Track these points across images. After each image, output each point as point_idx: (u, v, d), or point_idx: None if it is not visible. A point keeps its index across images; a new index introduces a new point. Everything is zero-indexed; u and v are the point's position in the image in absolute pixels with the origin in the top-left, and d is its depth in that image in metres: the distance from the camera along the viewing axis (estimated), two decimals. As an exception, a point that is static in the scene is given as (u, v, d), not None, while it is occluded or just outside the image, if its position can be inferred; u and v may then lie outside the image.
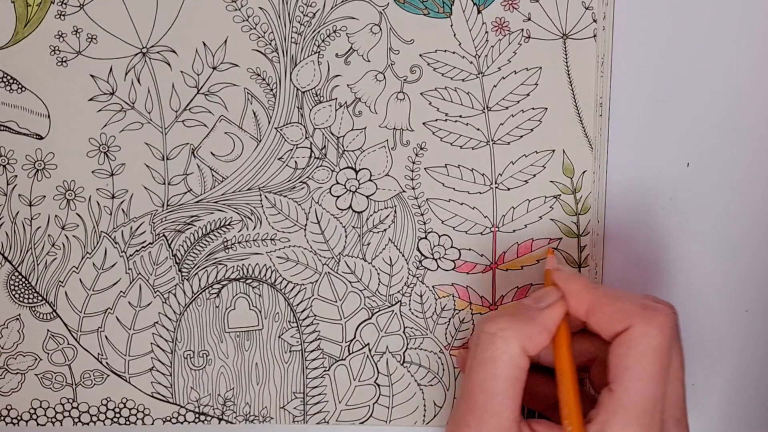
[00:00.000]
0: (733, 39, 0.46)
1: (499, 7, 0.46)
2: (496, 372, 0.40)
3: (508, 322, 0.40)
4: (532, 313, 0.41)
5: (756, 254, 0.48)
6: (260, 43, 0.46)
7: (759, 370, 0.49)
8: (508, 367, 0.40)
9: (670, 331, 0.39)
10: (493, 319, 0.41)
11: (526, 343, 0.40)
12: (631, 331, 0.39)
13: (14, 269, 0.48)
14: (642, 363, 0.39)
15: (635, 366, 0.39)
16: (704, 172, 0.47)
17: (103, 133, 0.47)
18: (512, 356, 0.40)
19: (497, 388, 0.40)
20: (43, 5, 0.46)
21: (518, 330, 0.40)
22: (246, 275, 0.48)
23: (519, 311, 0.41)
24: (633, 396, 0.38)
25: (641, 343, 0.39)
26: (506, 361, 0.40)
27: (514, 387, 0.40)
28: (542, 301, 0.42)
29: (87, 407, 0.50)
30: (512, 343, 0.40)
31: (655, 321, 0.39)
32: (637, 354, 0.39)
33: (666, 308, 0.40)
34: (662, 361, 0.39)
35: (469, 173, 0.47)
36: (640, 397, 0.38)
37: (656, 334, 0.39)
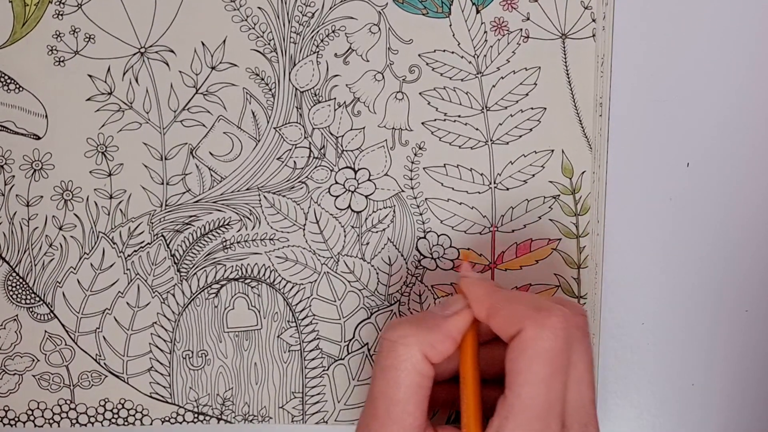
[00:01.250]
0: (733, 39, 0.46)
1: (498, 7, 0.46)
2: (398, 380, 0.39)
3: (410, 329, 0.40)
4: (436, 320, 0.41)
5: (756, 254, 0.48)
6: (259, 43, 0.46)
7: (759, 370, 0.49)
8: (410, 375, 0.39)
9: (563, 332, 0.38)
10: (395, 327, 0.40)
11: (428, 350, 0.40)
12: (522, 334, 0.38)
13: (12, 270, 0.48)
14: (532, 367, 0.38)
15: (525, 370, 0.38)
16: (704, 172, 0.48)
17: (101, 133, 0.47)
18: (414, 364, 0.39)
19: (399, 396, 0.39)
20: (40, 5, 0.46)
21: (420, 337, 0.40)
22: (245, 275, 0.48)
23: (423, 319, 0.41)
24: (524, 401, 0.38)
25: (531, 347, 0.38)
26: (408, 369, 0.39)
27: (416, 394, 0.40)
28: (448, 309, 0.41)
29: (85, 408, 0.50)
30: (413, 350, 0.39)
31: (546, 323, 0.38)
32: (528, 357, 0.38)
33: (562, 309, 0.39)
34: (555, 364, 0.38)
35: (468, 173, 0.47)
36: (531, 401, 0.38)
37: (547, 337, 0.38)
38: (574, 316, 0.39)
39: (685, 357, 0.48)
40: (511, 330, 0.39)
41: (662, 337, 0.47)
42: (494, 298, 0.40)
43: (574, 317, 0.39)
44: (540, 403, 0.38)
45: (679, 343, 0.49)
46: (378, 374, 0.40)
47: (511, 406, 0.38)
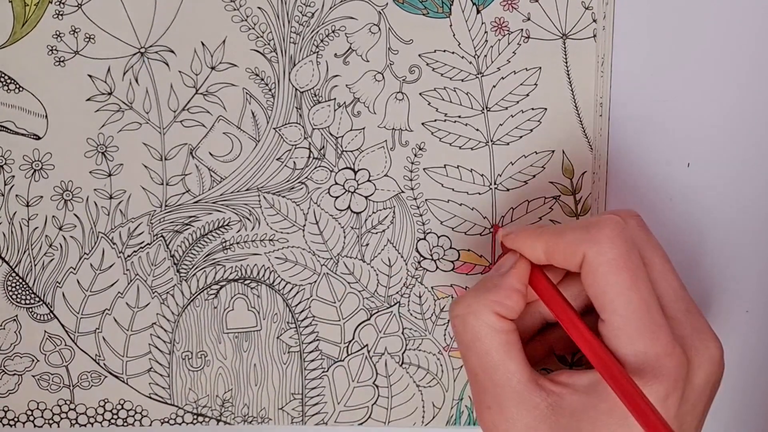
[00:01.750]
0: (733, 39, 0.46)
1: (499, 7, 0.46)
2: (485, 347, 0.40)
3: (472, 298, 0.40)
4: (494, 281, 0.41)
5: (756, 254, 0.48)
6: (259, 43, 0.46)
7: (759, 370, 0.49)
8: (494, 339, 0.40)
9: (619, 238, 0.38)
10: (458, 302, 0.41)
11: (498, 309, 0.40)
12: (586, 257, 0.39)
13: (11, 270, 0.48)
14: (610, 280, 0.38)
15: (607, 286, 0.38)
16: (704, 172, 0.47)
17: (101, 133, 0.47)
18: (492, 326, 0.40)
19: (495, 362, 0.40)
20: (40, 5, 0.46)
21: (485, 301, 0.40)
22: (244, 276, 0.48)
23: (481, 284, 0.41)
24: (621, 313, 0.38)
25: (600, 263, 0.38)
26: (489, 334, 0.40)
27: (509, 352, 0.40)
28: (502, 268, 0.42)
29: (84, 408, 0.49)
30: (484, 314, 0.40)
31: (600, 237, 0.38)
32: (602, 275, 0.38)
33: (610, 217, 0.39)
34: (629, 268, 0.38)
35: (468, 174, 0.47)
36: (628, 310, 0.38)
37: (608, 248, 0.38)
38: (627, 219, 0.40)
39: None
40: (575, 260, 0.39)
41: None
42: (545, 237, 0.40)
43: (628, 219, 0.40)
44: (637, 307, 0.38)
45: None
46: (465, 352, 0.41)
47: (612, 323, 0.38)
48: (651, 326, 0.38)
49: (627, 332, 0.38)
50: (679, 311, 0.40)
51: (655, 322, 0.38)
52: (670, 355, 0.38)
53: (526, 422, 0.39)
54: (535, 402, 0.39)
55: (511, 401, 0.39)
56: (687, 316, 0.40)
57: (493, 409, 0.40)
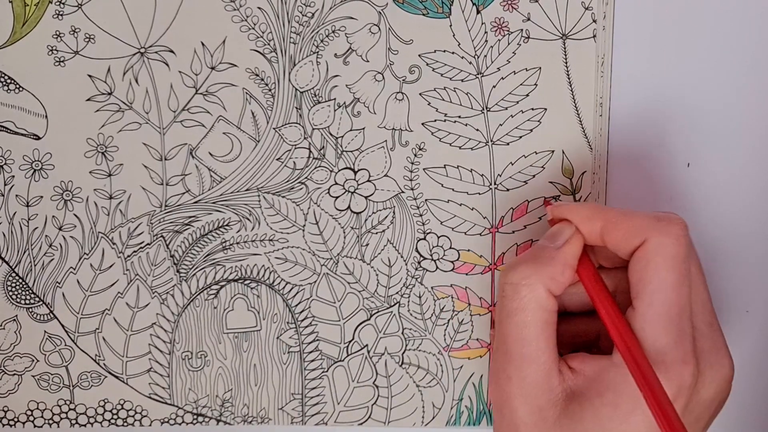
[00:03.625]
0: (733, 39, 0.46)
1: (499, 7, 0.46)
2: (527, 320, 0.40)
3: (530, 269, 0.40)
4: (551, 253, 0.41)
5: (756, 254, 0.48)
6: (259, 43, 0.46)
7: (759, 370, 0.49)
8: (537, 313, 0.40)
9: (684, 239, 0.39)
10: (515, 268, 0.41)
11: (550, 285, 0.40)
12: (647, 244, 0.39)
13: (11, 270, 0.48)
14: (660, 274, 0.38)
15: (655, 278, 0.38)
16: (704, 172, 0.47)
17: (101, 133, 0.47)
18: (539, 301, 0.40)
19: (531, 336, 0.40)
20: (41, 5, 0.46)
21: (541, 274, 0.40)
22: (244, 276, 0.48)
23: (538, 254, 0.41)
24: (657, 308, 0.38)
25: (659, 254, 0.39)
26: (534, 308, 0.40)
27: (546, 331, 0.40)
28: (558, 239, 0.41)
29: (84, 409, 0.49)
30: (537, 288, 0.40)
31: (670, 231, 0.39)
32: (655, 265, 0.39)
33: (679, 218, 0.40)
34: (681, 270, 0.39)
35: (468, 174, 0.47)
36: (663, 308, 0.38)
37: (672, 244, 0.39)
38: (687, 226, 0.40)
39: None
40: (633, 242, 0.39)
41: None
42: (608, 214, 0.41)
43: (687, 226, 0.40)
44: (673, 308, 0.38)
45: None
46: (505, 319, 0.41)
47: (644, 314, 0.39)
48: (679, 331, 0.38)
49: (655, 327, 0.38)
50: (703, 323, 0.41)
51: (683, 328, 0.39)
52: (686, 363, 0.38)
53: (539, 403, 0.40)
54: (553, 385, 0.40)
55: (534, 378, 0.40)
56: (709, 330, 0.41)
57: (514, 381, 0.40)
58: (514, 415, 0.40)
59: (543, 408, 0.40)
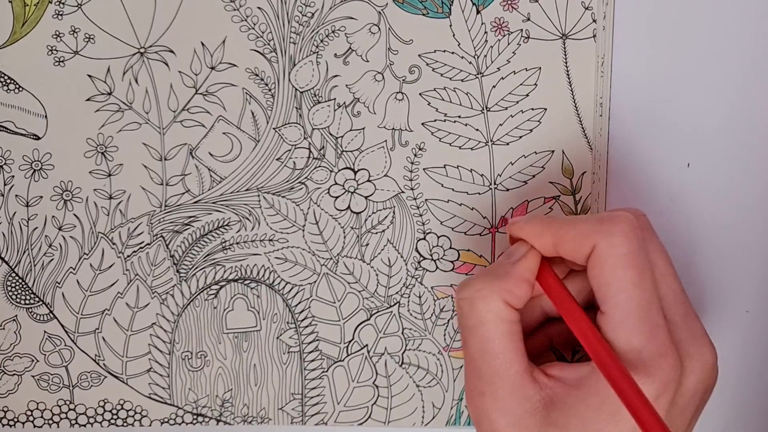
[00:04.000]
0: (733, 39, 0.46)
1: (499, 7, 0.46)
2: (488, 333, 0.40)
3: (482, 283, 0.40)
4: (505, 268, 0.41)
5: (756, 254, 0.48)
6: (259, 43, 0.46)
7: (759, 370, 0.49)
8: (498, 325, 0.40)
9: (633, 233, 0.39)
10: (468, 284, 0.41)
11: (506, 297, 0.40)
12: (596, 248, 0.39)
13: (11, 270, 0.48)
14: (617, 274, 0.38)
15: (613, 280, 0.38)
16: (704, 172, 0.47)
17: (101, 133, 0.47)
18: (497, 313, 0.40)
19: (495, 349, 0.40)
20: (40, 5, 0.46)
21: (495, 286, 0.40)
22: (244, 276, 0.48)
23: (492, 270, 0.41)
24: (622, 308, 0.38)
25: (610, 256, 0.38)
26: (493, 320, 0.40)
27: (511, 342, 0.40)
28: (513, 256, 0.41)
29: (84, 409, 0.49)
30: (493, 300, 0.40)
31: (614, 230, 0.38)
32: (610, 267, 0.38)
33: (624, 213, 0.39)
34: (637, 265, 0.38)
35: (468, 174, 0.47)
36: (629, 306, 0.38)
37: (620, 242, 0.38)
38: (636, 218, 0.40)
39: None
40: (583, 250, 0.39)
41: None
42: (555, 227, 0.40)
43: (638, 218, 0.40)
44: (638, 304, 0.38)
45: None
46: (467, 335, 0.41)
47: (612, 317, 0.38)
48: (650, 325, 0.38)
49: (625, 327, 0.38)
50: (677, 314, 0.41)
51: (654, 321, 0.38)
52: (664, 355, 0.38)
53: (517, 413, 0.39)
54: (529, 394, 0.40)
55: (506, 390, 0.40)
56: (684, 320, 0.41)
57: (487, 396, 0.40)
58: (494, 429, 0.40)
59: (522, 418, 0.39)
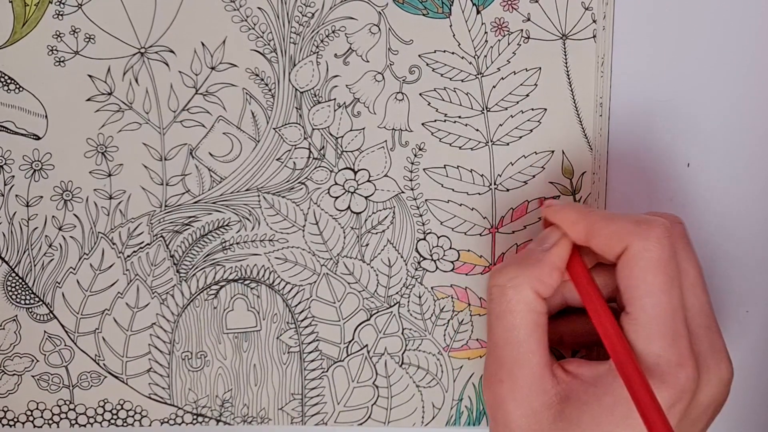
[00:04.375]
0: (733, 39, 0.46)
1: (499, 7, 0.46)
2: (515, 322, 0.40)
3: (516, 270, 0.40)
4: (537, 256, 0.41)
5: (756, 254, 0.48)
6: (259, 44, 0.46)
7: (759, 370, 0.49)
8: (525, 315, 0.40)
9: (667, 241, 0.39)
10: (501, 271, 0.41)
11: (537, 286, 0.40)
12: (629, 249, 0.39)
13: (11, 270, 0.48)
14: (647, 278, 0.38)
15: (642, 283, 0.38)
16: (704, 172, 0.47)
17: (101, 133, 0.47)
18: (528, 303, 0.40)
19: (520, 338, 0.40)
20: (41, 5, 0.46)
21: (527, 276, 0.40)
22: (244, 276, 0.48)
23: (525, 257, 0.41)
24: (648, 312, 0.38)
25: (642, 259, 0.38)
26: (522, 310, 0.40)
27: (536, 333, 0.40)
28: (546, 242, 0.41)
29: (84, 409, 0.49)
30: (524, 290, 0.40)
31: (650, 234, 0.38)
32: (640, 270, 0.38)
33: (661, 220, 0.39)
34: (668, 272, 0.38)
35: (468, 174, 0.47)
36: (655, 311, 0.38)
37: (654, 247, 0.38)
38: (674, 225, 0.40)
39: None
40: (616, 248, 0.39)
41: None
42: (591, 219, 0.40)
43: (674, 226, 0.40)
44: (664, 310, 0.38)
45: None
46: (494, 322, 0.40)
47: (636, 319, 0.38)
48: (672, 333, 0.38)
49: (648, 331, 0.38)
50: (700, 326, 0.41)
51: (677, 330, 0.38)
52: (683, 365, 0.38)
53: (532, 405, 0.40)
54: (546, 387, 0.40)
55: (525, 380, 0.40)
56: (707, 332, 0.41)
57: (506, 384, 0.40)
58: (508, 419, 0.40)
59: (537, 411, 0.39)
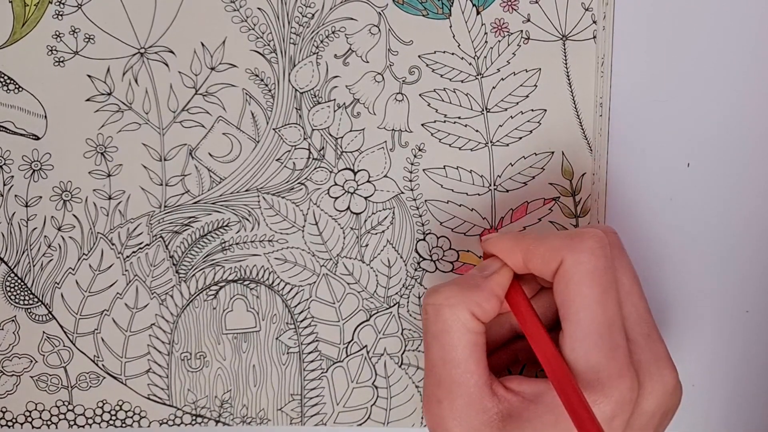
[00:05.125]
0: (733, 39, 0.46)
1: (499, 8, 0.46)
2: (453, 342, 0.40)
3: (453, 291, 0.40)
4: (477, 281, 0.41)
5: (756, 254, 0.48)
6: (259, 44, 0.46)
7: (759, 370, 0.49)
8: (463, 335, 0.40)
9: (601, 251, 0.39)
10: (438, 291, 0.41)
11: (474, 309, 0.40)
12: (563, 264, 0.39)
13: (10, 270, 0.48)
14: (582, 291, 0.38)
15: (576, 296, 0.38)
16: (704, 172, 0.47)
17: (100, 133, 0.47)
18: (464, 323, 0.40)
19: (458, 358, 0.40)
20: (40, 5, 0.46)
21: (464, 297, 0.40)
22: (243, 277, 0.48)
23: (464, 280, 0.41)
24: (584, 325, 0.38)
25: (576, 272, 0.38)
26: (459, 329, 0.40)
27: (474, 352, 0.40)
28: (486, 270, 0.41)
29: (83, 410, 0.49)
30: (460, 310, 0.40)
31: (582, 247, 0.38)
32: (575, 284, 0.38)
33: (593, 231, 0.39)
34: (602, 283, 0.38)
35: (468, 175, 0.47)
36: (591, 323, 0.38)
37: (586, 259, 0.38)
38: (607, 235, 0.40)
39: (685, 358, 0.47)
40: (551, 265, 0.39)
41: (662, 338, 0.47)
42: (525, 243, 0.40)
43: (608, 236, 0.40)
44: (600, 323, 0.38)
45: (678, 343, 0.49)
46: (431, 342, 0.40)
47: (573, 334, 0.38)
48: (610, 345, 0.38)
49: (585, 345, 0.38)
50: (640, 335, 0.40)
51: (615, 341, 0.38)
52: (622, 377, 0.38)
53: (473, 424, 0.39)
54: (486, 406, 0.39)
55: (464, 400, 0.39)
56: (647, 340, 0.40)
57: (444, 404, 0.40)
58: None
59: (478, 429, 0.39)
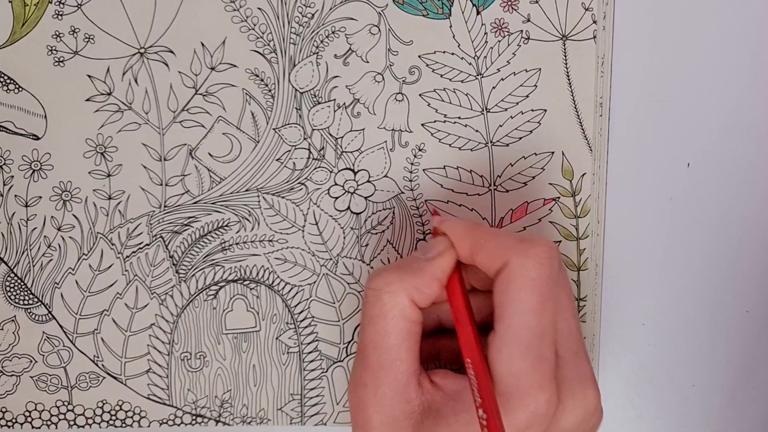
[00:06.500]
0: (733, 39, 0.46)
1: (499, 8, 0.46)
2: (387, 328, 0.39)
3: (394, 276, 0.40)
4: (419, 264, 0.40)
5: (756, 254, 0.48)
6: (259, 44, 0.46)
7: (759, 370, 0.49)
8: (398, 322, 0.39)
9: (548, 261, 0.38)
10: (379, 275, 0.40)
11: (414, 294, 0.39)
12: (508, 266, 0.38)
13: (10, 270, 0.48)
14: (521, 296, 0.38)
15: (514, 300, 0.38)
16: (704, 172, 0.47)
17: (100, 133, 0.47)
18: (402, 310, 0.39)
19: (389, 344, 0.39)
20: (40, 5, 0.46)
21: (405, 282, 0.39)
22: (243, 276, 0.48)
23: (406, 264, 0.40)
24: (515, 331, 0.37)
25: (519, 276, 0.38)
26: (396, 316, 0.39)
27: (407, 341, 0.39)
28: (430, 252, 0.41)
29: (82, 410, 0.49)
30: (400, 296, 0.39)
31: (531, 253, 0.38)
32: (516, 288, 0.38)
33: (545, 239, 0.39)
34: (543, 293, 0.38)
35: (468, 175, 0.47)
36: (523, 331, 0.37)
37: (533, 266, 0.38)
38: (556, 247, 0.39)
39: (685, 357, 0.47)
40: (496, 263, 0.38)
41: (662, 338, 0.47)
42: (477, 235, 0.40)
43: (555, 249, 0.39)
44: (532, 332, 0.37)
45: (679, 343, 0.49)
46: (366, 325, 0.40)
47: (503, 337, 0.38)
48: (537, 355, 0.37)
49: (511, 351, 0.37)
50: (568, 351, 0.40)
51: (542, 353, 0.38)
52: (542, 389, 0.37)
53: (394, 413, 0.39)
54: (410, 397, 0.39)
55: (389, 387, 0.39)
56: (574, 358, 0.40)
57: (369, 389, 0.40)
58: (368, 425, 0.40)
59: (397, 419, 0.39)
